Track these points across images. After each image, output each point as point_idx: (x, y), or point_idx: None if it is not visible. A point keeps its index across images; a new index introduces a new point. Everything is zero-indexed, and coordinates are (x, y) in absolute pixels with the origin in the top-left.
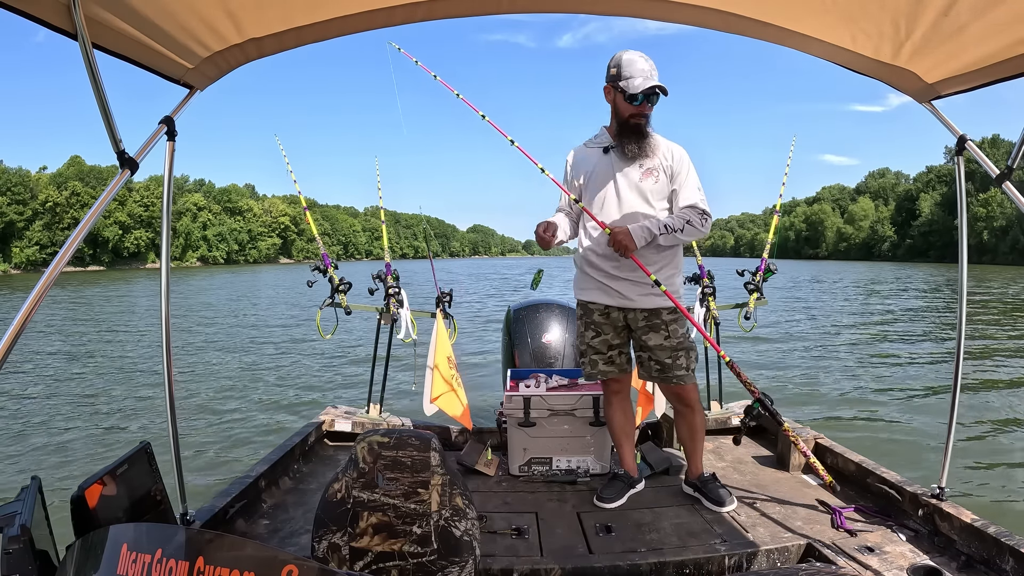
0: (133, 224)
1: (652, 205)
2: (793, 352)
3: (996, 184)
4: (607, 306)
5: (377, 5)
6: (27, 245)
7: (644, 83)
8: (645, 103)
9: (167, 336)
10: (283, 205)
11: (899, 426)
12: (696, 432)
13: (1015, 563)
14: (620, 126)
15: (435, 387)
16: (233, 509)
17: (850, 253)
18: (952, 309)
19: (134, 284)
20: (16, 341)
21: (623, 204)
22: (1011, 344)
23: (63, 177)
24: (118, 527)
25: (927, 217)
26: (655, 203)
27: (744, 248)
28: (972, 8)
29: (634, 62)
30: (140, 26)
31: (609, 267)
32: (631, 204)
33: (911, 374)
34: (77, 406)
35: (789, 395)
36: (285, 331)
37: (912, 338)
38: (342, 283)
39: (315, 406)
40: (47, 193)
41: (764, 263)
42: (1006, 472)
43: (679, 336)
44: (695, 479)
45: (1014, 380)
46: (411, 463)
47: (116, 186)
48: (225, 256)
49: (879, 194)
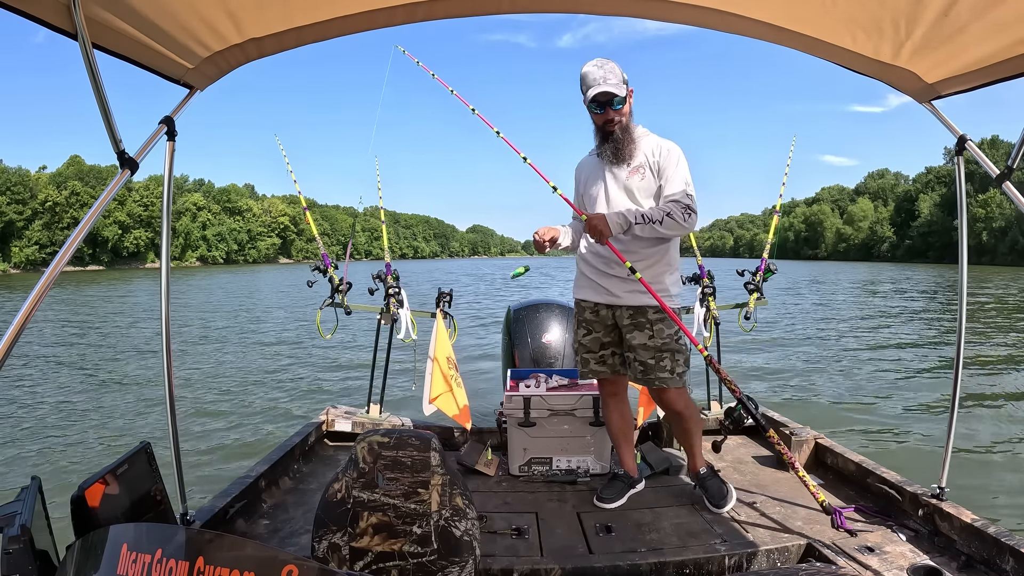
0: (132, 224)
1: (640, 202)
2: (793, 352)
3: (996, 184)
4: (596, 303)
5: (377, 5)
6: (26, 245)
7: (591, 92)
8: (608, 109)
9: (167, 336)
10: (282, 205)
11: (899, 426)
12: (688, 434)
13: (1015, 563)
14: (599, 133)
15: (434, 387)
16: (233, 509)
17: (849, 254)
18: (951, 310)
19: (134, 284)
20: (16, 341)
21: (611, 201)
22: (1011, 343)
23: (63, 177)
24: (118, 527)
25: (926, 218)
26: (642, 200)
27: (743, 248)
28: (972, 8)
29: (588, 73)
30: (140, 26)
31: (600, 264)
32: (617, 201)
33: (911, 374)
34: (77, 406)
35: (789, 395)
36: (285, 331)
37: (912, 338)
38: (342, 283)
39: (315, 406)
40: (47, 193)
41: (764, 263)
42: (1006, 472)
43: (664, 337)
44: (692, 475)
45: (1014, 380)
46: (411, 463)
47: (116, 186)
48: (224, 256)
49: (878, 195)
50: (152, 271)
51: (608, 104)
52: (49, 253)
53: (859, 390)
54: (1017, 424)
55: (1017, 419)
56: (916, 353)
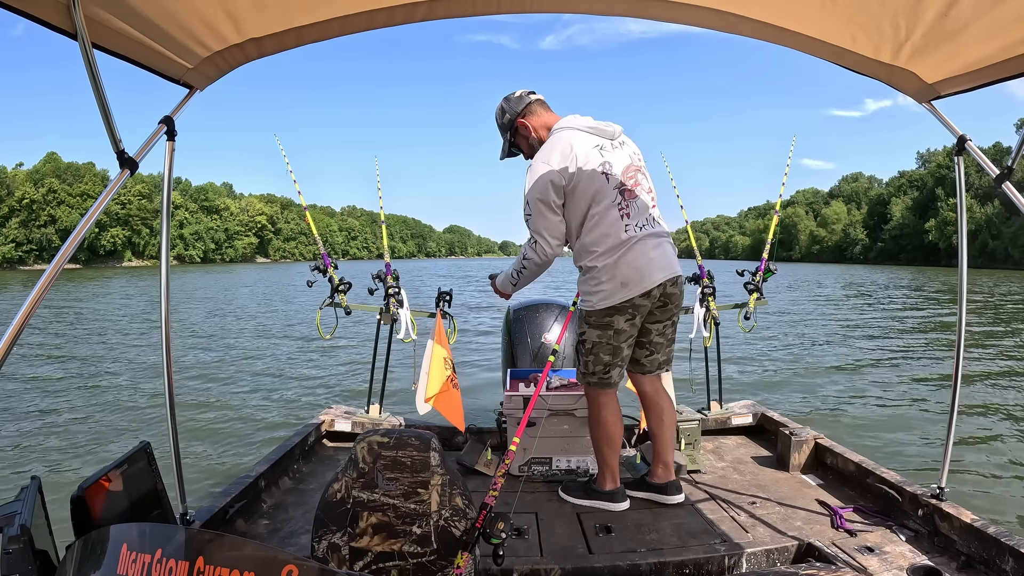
0: (109, 222)
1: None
2: (793, 353)
3: (996, 184)
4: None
5: (377, 5)
6: (3, 243)
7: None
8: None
9: (167, 336)
10: (260, 204)
11: (899, 426)
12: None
13: (1015, 563)
14: None
15: (430, 387)
16: (233, 509)
17: (823, 256)
18: (941, 310)
19: (116, 282)
20: (16, 341)
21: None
22: (1011, 344)
23: (40, 174)
24: (118, 527)
25: (898, 221)
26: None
27: (719, 250)
28: (972, 8)
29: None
30: (140, 26)
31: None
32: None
33: (911, 374)
34: (77, 406)
35: (789, 395)
36: (285, 331)
37: (912, 339)
38: (342, 283)
39: (315, 406)
40: (24, 190)
41: (764, 263)
42: (1006, 472)
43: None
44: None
45: (1014, 380)
46: (411, 463)
47: (116, 185)
48: (202, 255)
49: (852, 198)
50: (129, 269)
51: (504, 135)
52: (26, 251)
53: (859, 390)
54: (1017, 424)
55: (1017, 419)
56: (916, 353)
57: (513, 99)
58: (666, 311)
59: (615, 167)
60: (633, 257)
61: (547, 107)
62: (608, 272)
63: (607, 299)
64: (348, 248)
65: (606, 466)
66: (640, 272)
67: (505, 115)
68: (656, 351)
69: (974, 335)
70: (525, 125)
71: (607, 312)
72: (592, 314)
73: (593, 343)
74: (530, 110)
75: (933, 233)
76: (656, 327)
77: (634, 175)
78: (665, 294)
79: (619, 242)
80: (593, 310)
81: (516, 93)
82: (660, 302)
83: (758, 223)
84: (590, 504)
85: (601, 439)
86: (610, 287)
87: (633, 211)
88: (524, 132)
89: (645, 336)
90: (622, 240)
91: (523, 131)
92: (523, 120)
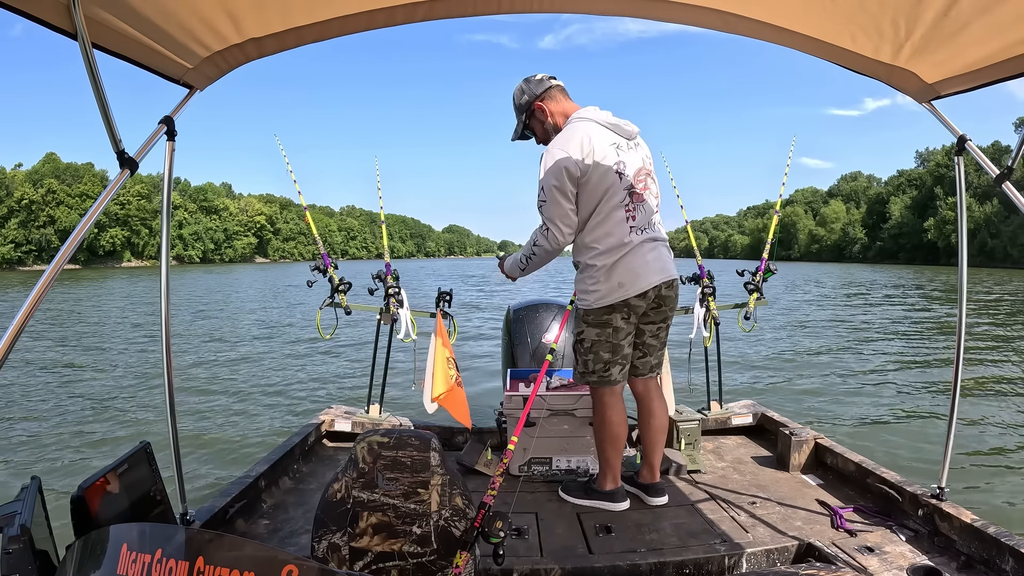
0: (108, 222)
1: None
2: (794, 352)
3: (996, 184)
4: (659, 283)
5: (377, 5)
6: (2, 243)
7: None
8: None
9: (167, 336)
10: (259, 204)
11: (899, 426)
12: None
13: (1015, 563)
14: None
15: (436, 386)
16: (233, 509)
17: (822, 255)
18: (941, 309)
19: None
20: (16, 341)
21: None
22: (1011, 343)
23: (39, 174)
24: (118, 527)
25: (897, 220)
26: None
27: (718, 250)
28: (972, 8)
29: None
30: (140, 26)
31: (653, 233)
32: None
33: (911, 374)
34: (76, 406)
35: (789, 395)
36: (285, 331)
37: (911, 339)
38: (342, 283)
39: (315, 406)
40: (23, 190)
41: (764, 263)
42: (1006, 472)
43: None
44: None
45: (1015, 379)
46: (411, 463)
47: (116, 185)
48: (201, 255)
49: (851, 197)
50: (128, 270)
51: (519, 117)
52: (25, 252)
53: (859, 390)
54: (1017, 424)
55: (1017, 419)
56: (916, 352)
57: (534, 81)
58: (660, 313)
59: (628, 168)
60: (631, 259)
61: (567, 94)
62: (605, 272)
63: (604, 298)
64: (347, 248)
65: (608, 466)
66: (636, 274)
67: (524, 95)
68: (649, 353)
69: (974, 334)
70: (543, 108)
71: (605, 311)
72: (590, 312)
73: (592, 341)
74: (550, 95)
75: (932, 232)
76: (650, 328)
77: (644, 179)
78: (660, 296)
79: (620, 243)
80: (590, 309)
81: (537, 76)
82: (655, 304)
83: (757, 222)
84: (590, 504)
85: (605, 439)
86: (606, 287)
87: (639, 215)
88: (540, 116)
89: (639, 337)
90: (623, 242)
91: (540, 114)
92: (541, 103)
